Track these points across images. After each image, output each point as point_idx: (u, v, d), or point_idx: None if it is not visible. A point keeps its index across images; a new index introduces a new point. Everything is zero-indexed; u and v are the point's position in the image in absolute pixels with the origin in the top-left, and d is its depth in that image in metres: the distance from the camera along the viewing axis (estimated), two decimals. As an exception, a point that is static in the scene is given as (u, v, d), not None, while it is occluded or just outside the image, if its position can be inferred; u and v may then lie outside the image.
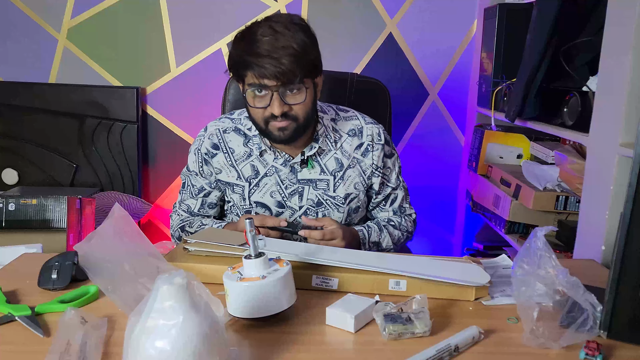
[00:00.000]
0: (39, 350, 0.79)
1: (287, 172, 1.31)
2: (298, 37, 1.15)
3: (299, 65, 1.14)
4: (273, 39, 1.14)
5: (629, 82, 1.23)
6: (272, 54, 1.12)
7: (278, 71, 1.12)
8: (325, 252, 1.12)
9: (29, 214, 1.64)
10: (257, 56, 1.13)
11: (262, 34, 1.15)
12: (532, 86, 1.62)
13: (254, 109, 1.21)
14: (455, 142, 2.44)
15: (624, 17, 1.25)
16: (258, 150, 1.31)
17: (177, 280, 0.69)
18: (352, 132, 1.35)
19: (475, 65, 2.26)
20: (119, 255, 0.91)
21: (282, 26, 1.15)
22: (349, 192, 1.34)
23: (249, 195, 1.33)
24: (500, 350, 0.86)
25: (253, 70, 1.15)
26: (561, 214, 1.77)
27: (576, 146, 1.78)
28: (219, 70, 2.30)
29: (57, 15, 2.25)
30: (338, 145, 1.33)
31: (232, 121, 1.36)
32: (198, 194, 1.39)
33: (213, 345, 0.70)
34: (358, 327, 0.90)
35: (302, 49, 1.14)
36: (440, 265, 1.09)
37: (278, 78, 1.13)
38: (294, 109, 1.19)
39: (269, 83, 1.15)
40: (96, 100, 2.25)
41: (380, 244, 1.35)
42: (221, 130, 1.35)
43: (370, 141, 1.35)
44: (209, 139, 1.35)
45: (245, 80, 1.20)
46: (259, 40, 1.14)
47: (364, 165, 1.35)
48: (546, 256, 0.86)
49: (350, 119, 1.36)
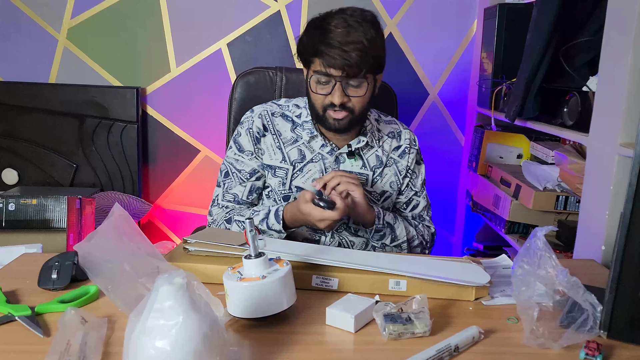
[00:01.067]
0: (39, 350, 0.79)
1: (332, 161, 1.35)
2: (369, 34, 1.20)
3: (366, 60, 1.19)
4: (345, 31, 1.18)
5: (629, 82, 1.23)
6: (342, 46, 1.18)
7: (345, 63, 1.18)
8: (325, 252, 1.12)
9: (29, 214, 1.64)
10: (328, 46, 1.18)
11: (336, 26, 1.19)
12: (532, 86, 1.62)
13: (315, 94, 1.26)
14: (455, 142, 2.44)
15: (624, 17, 1.25)
16: (308, 135, 1.33)
17: (177, 280, 0.69)
18: (391, 135, 1.41)
19: (475, 65, 2.25)
20: (119, 255, 0.91)
21: (355, 20, 1.20)
22: (385, 190, 1.39)
23: (291, 179, 1.34)
24: (500, 350, 0.86)
25: (322, 58, 1.20)
26: (561, 214, 1.77)
27: (576, 146, 1.78)
28: (219, 70, 2.31)
29: (57, 15, 2.25)
30: (380, 144, 1.39)
31: (280, 107, 1.39)
32: (250, 177, 1.36)
33: (213, 345, 0.70)
34: (358, 327, 0.90)
35: (371, 45, 1.20)
36: (440, 265, 1.09)
37: (344, 69, 1.19)
38: (352, 101, 1.24)
39: (334, 73, 1.20)
40: (96, 100, 2.25)
41: (394, 228, 1.34)
42: (270, 112, 1.37)
43: (408, 145, 1.41)
44: (258, 118, 1.36)
45: (312, 67, 1.25)
46: (332, 31, 1.19)
47: (400, 166, 1.40)
48: (546, 256, 0.86)
49: (389, 123, 1.44)
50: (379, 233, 1.32)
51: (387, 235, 1.33)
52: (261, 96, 1.61)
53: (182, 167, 2.40)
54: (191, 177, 2.40)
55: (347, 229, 1.36)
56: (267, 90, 1.64)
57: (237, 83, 1.64)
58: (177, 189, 2.42)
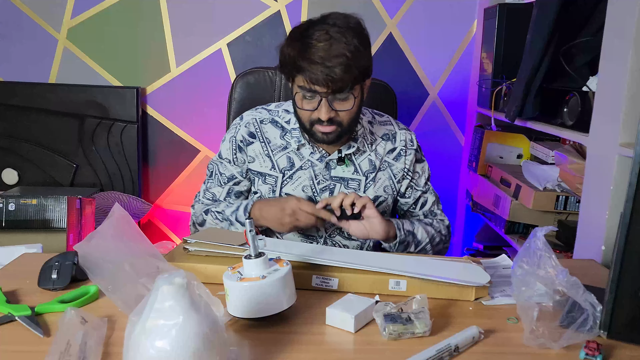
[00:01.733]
0: (39, 350, 0.79)
1: (322, 167, 1.33)
2: (352, 44, 1.15)
3: (350, 73, 1.15)
4: (327, 45, 1.14)
5: (629, 82, 1.23)
6: (325, 62, 1.13)
7: (329, 79, 1.14)
8: (325, 252, 1.12)
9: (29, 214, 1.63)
10: (310, 62, 1.14)
11: (317, 39, 1.15)
12: (532, 86, 1.62)
13: (301, 110, 1.23)
14: (455, 142, 2.44)
15: (624, 17, 1.25)
16: (297, 144, 1.32)
17: (177, 280, 0.69)
18: (385, 137, 1.37)
19: (475, 65, 2.26)
20: (119, 255, 0.91)
21: (337, 31, 1.15)
22: (378, 195, 1.36)
23: (281, 187, 1.33)
24: (500, 350, 0.86)
25: (304, 74, 1.16)
26: (561, 214, 1.77)
27: (576, 146, 1.78)
28: (219, 70, 2.31)
29: (57, 15, 2.25)
30: (372, 148, 1.35)
31: (269, 112, 1.37)
32: (227, 182, 1.38)
33: (213, 345, 0.70)
34: (358, 327, 0.90)
35: (355, 56, 1.15)
36: (440, 265, 1.09)
37: (328, 86, 1.15)
38: (340, 115, 1.21)
39: (319, 89, 1.17)
40: (96, 100, 2.25)
41: (415, 234, 1.31)
42: (258, 120, 1.36)
43: (403, 146, 1.38)
44: (245, 127, 1.35)
45: (296, 81, 1.21)
46: (314, 46, 1.14)
47: (395, 169, 1.37)
48: (546, 256, 0.86)
49: (384, 124, 1.39)
50: (403, 244, 1.29)
51: (411, 244, 1.30)
52: (260, 96, 1.61)
53: (182, 167, 2.40)
54: (191, 177, 2.40)
55: (341, 233, 1.35)
56: (266, 90, 1.64)
57: (237, 83, 1.64)
58: (177, 189, 2.42)
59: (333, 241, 1.36)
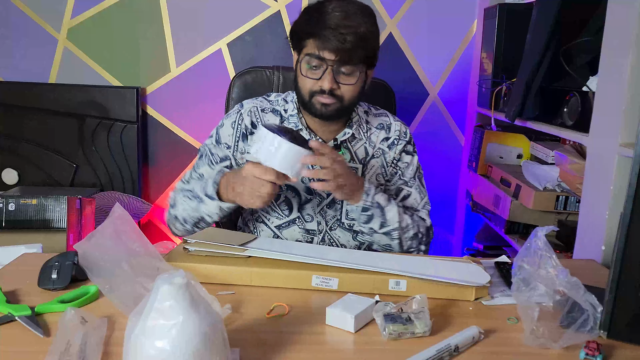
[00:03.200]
0: (39, 350, 0.79)
1: None
2: (367, 23, 1.17)
3: (361, 46, 1.16)
4: (344, 15, 1.15)
5: (629, 82, 1.23)
6: (339, 29, 1.14)
7: (340, 46, 1.14)
8: (325, 252, 1.12)
9: (29, 214, 1.64)
10: (323, 27, 1.15)
11: (334, 9, 1.16)
12: (532, 86, 1.62)
13: (304, 78, 1.22)
14: (455, 142, 2.44)
15: (624, 17, 1.25)
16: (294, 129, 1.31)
17: (177, 280, 0.69)
18: (380, 126, 1.38)
19: (475, 65, 2.26)
20: (118, 255, 0.91)
21: (354, 8, 1.18)
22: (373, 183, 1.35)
23: None
24: (500, 350, 0.86)
25: (316, 39, 1.16)
26: (561, 214, 1.77)
27: (576, 146, 1.78)
28: (219, 70, 2.31)
29: (57, 15, 2.25)
30: (367, 136, 1.36)
31: (270, 102, 1.37)
32: (219, 162, 1.33)
33: (213, 345, 0.70)
34: (358, 327, 0.90)
35: (368, 34, 1.17)
36: (440, 265, 1.09)
37: (338, 53, 1.15)
38: (342, 89, 1.21)
39: (327, 56, 1.17)
40: (96, 100, 2.25)
41: (385, 212, 1.24)
42: (259, 109, 1.35)
43: (397, 136, 1.38)
44: (247, 116, 1.33)
45: (304, 50, 1.21)
46: (329, 13, 1.16)
47: (388, 157, 1.37)
48: (547, 256, 0.86)
49: (380, 116, 1.40)
50: (366, 213, 1.23)
51: (376, 218, 1.24)
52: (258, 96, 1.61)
53: (182, 167, 2.40)
54: (191, 177, 2.40)
55: (341, 225, 1.35)
56: (264, 89, 1.64)
57: (235, 83, 1.64)
58: (177, 189, 2.41)
59: (332, 235, 1.35)
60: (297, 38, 1.23)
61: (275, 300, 0.98)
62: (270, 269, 1.05)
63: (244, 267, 1.05)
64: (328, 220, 1.34)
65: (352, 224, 1.35)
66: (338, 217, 1.34)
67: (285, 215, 1.34)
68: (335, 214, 1.34)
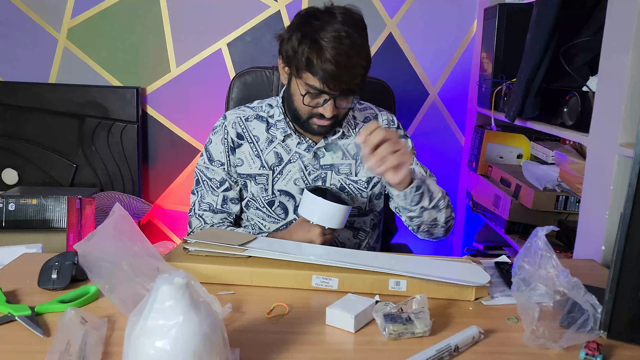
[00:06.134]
0: (39, 350, 0.79)
1: (310, 157, 1.33)
2: (365, 50, 1.17)
3: (363, 79, 1.18)
4: (346, 49, 1.13)
5: (629, 82, 1.23)
6: (341, 68, 1.14)
7: (344, 86, 1.16)
8: (325, 252, 1.12)
9: (29, 214, 1.64)
10: (327, 65, 1.13)
11: (332, 41, 1.13)
12: (532, 86, 1.61)
13: (304, 106, 1.22)
14: (455, 142, 2.44)
15: (624, 17, 1.25)
16: (282, 135, 1.32)
17: (177, 280, 0.69)
18: (367, 120, 1.39)
19: (475, 65, 2.25)
20: (117, 255, 0.91)
21: (349, 33, 1.14)
22: (371, 177, 1.36)
23: (273, 184, 1.33)
24: (500, 350, 0.86)
25: (318, 76, 1.15)
26: (561, 214, 1.77)
27: (576, 146, 1.78)
28: (219, 70, 2.31)
29: (57, 15, 2.25)
30: (356, 131, 1.37)
31: (253, 109, 1.37)
32: (219, 187, 1.35)
33: (213, 345, 0.70)
34: (358, 327, 0.89)
35: (368, 61, 1.18)
36: (440, 265, 1.09)
37: (340, 89, 1.17)
38: (340, 111, 1.24)
39: (329, 90, 1.17)
40: (96, 100, 2.25)
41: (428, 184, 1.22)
42: (243, 119, 1.35)
43: (385, 125, 1.39)
44: (232, 128, 1.34)
45: (304, 78, 1.19)
46: (330, 49, 1.13)
47: None
48: (547, 256, 0.86)
49: (365, 110, 1.42)
50: (419, 191, 1.19)
51: (425, 193, 1.21)
52: (258, 96, 1.61)
53: (182, 167, 2.40)
54: (191, 177, 2.39)
55: None
56: (264, 89, 1.64)
57: (234, 83, 1.64)
58: (177, 189, 2.42)
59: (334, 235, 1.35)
60: (295, 67, 1.20)
61: (275, 300, 0.98)
62: (270, 269, 1.05)
63: (244, 267, 1.05)
64: None
65: (353, 220, 1.35)
66: None
67: (282, 219, 1.34)
68: None
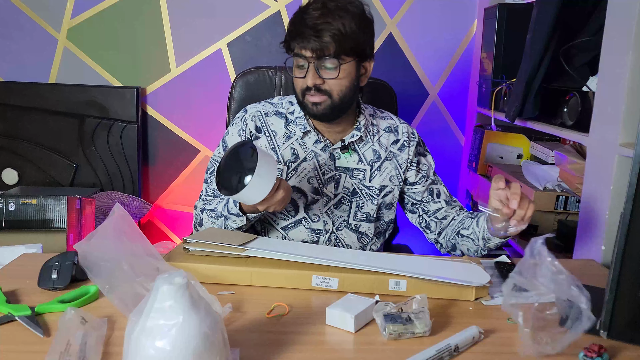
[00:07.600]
0: (39, 350, 0.79)
1: (326, 157, 1.33)
2: (345, 19, 1.20)
3: (338, 42, 1.19)
4: (320, 13, 1.20)
5: (629, 82, 1.23)
6: (316, 26, 1.18)
7: (315, 45, 1.18)
8: (325, 252, 1.12)
9: (29, 214, 1.63)
10: (302, 27, 1.20)
11: (314, 8, 1.21)
12: (532, 86, 1.61)
13: (295, 78, 1.26)
14: (455, 142, 2.44)
15: (624, 17, 1.25)
16: (302, 131, 1.32)
17: (177, 280, 0.69)
18: (388, 129, 1.39)
19: (475, 65, 2.26)
20: (117, 255, 0.91)
21: (334, 5, 1.21)
22: (385, 185, 1.36)
23: (287, 180, 1.33)
24: (500, 350, 0.86)
25: (297, 39, 1.21)
26: (561, 214, 1.77)
27: (576, 146, 1.78)
28: (219, 70, 2.31)
29: (57, 15, 2.25)
30: (375, 139, 1.37)
31: (273, 105, 1.38)
32: None
33: (213, 345, 0.70)
34: (358, 327, 0.90)
35: (346, 30, 1.19)
36: (440, 265, 1.09)
37: (314, 50, 1.19)
38: (327, 83, 1.23)
39: (307, 54, 1.20)
40: (96, 100, 2.25)
41: None
42: (263, 113, 1.36)
43: (406, 138, 1.39)
44: (251, 121, 1.36)
45: (292, 52, 1.25)
46: (308, 13, 1.21)
47: (400, 160, 1.38)
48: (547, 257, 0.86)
49: (386, 118, 1.42)
50: None
51: None
52: (260, 96, 1.61)
53: (182, 167, 2.40)
54: (191, 177, 2.40)
55: (348, 226, 1.35)
56: (266, 89, 1.64)
57: (236, 83, 1.64)
58: (177, 189, 2.42)
59: (338, 236, 1.35)
60: (286, 42, 1.27)
61: (275, 300, 0.98)
62: (270, 269, 1.05)
63: (244, 267, 1.05)
64: (335, 221, 1.35)
65: (359, 225, 1.36)
66: (345, 218, 1.35)
67: (292, 216, 1.34)
68: (342, 214, 1.35)
